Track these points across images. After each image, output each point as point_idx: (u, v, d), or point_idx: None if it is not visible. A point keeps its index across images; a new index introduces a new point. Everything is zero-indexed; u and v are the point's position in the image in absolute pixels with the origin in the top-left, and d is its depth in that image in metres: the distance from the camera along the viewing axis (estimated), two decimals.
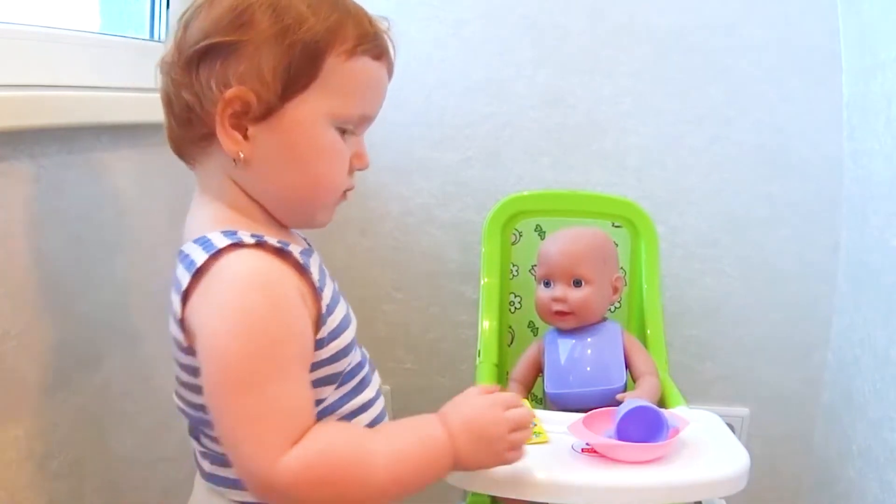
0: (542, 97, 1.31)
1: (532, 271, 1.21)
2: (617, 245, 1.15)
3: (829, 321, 1.32)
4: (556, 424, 0.82)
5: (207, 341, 0.57)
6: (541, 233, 1.23)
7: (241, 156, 0.62)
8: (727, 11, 1.26)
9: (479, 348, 1.14)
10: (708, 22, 1.27)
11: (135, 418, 0.93)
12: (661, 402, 0.99)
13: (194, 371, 0.60)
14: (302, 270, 0.61)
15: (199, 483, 0.68)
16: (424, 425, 0.64)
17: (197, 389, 0.61)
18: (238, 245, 0.58)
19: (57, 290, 0.79)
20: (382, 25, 0.66)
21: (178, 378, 0.64)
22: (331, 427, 0.61)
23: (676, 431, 0.77)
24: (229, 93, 0.60)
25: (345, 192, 0.68)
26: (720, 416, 0.88)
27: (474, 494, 0.94)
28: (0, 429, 0.71)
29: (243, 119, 0.61)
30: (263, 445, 0.55)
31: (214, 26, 0.60)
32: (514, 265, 1.25)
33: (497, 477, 0.70)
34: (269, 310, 0.57)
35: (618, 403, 0.95)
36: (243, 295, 0.57)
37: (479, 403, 0.66)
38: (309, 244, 0.73)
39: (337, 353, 0.64)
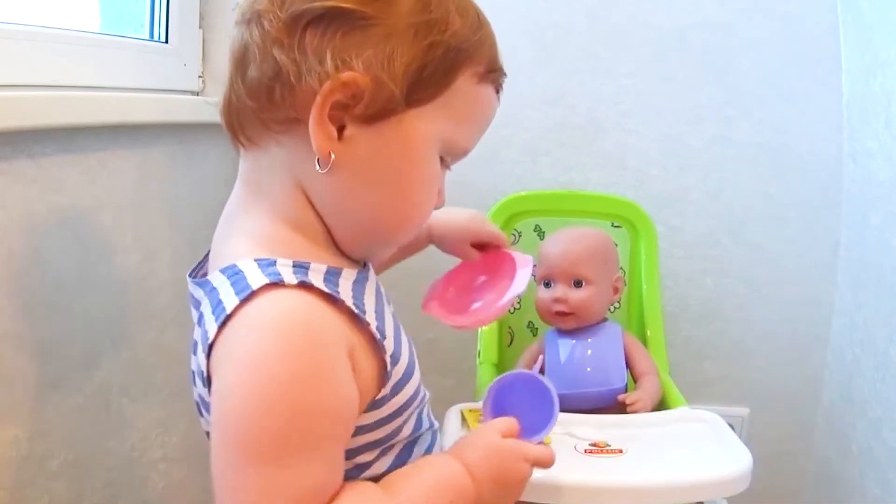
0: (542, 97, 1.31)
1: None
2: (617, 245, 1.15)
3: (829, 321, 1.32)
4: (556, 425, 0.81)
5: (223, 400, 0.47)
6: (540, 233, 1.23)
7: (332, 157, 0.50)
8: (727, 11, 1.26)
9: (478, 349, 1.13)
10: (708, 21, 1.27)
11: (134, 418, 0.93)
12: (662, 403, 0.99)
13: None
14: (357, 320, 0.50)
15: None
16: (443, 466, 0.55)
17: None
18: (276, 285, 0.47)
19: (57, 290, 0.78)
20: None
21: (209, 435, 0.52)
22: (347, 498, 0.49)
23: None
24: (347, 75, 0.48)
25: None
26: (720, 416, 0.88)
27: None
28: (0, 429, 0.71)
29: (345, 113, 0.49)
30: None
31: None
32: None
33: None
34: (304, 371, 0.46)
35: (618, 404, 0.96)
36: (275, 350, 0.46)
37: (499, 443, 0.58)
38: (366, 262, 0.61)
39: (400, 407, 0.54)
